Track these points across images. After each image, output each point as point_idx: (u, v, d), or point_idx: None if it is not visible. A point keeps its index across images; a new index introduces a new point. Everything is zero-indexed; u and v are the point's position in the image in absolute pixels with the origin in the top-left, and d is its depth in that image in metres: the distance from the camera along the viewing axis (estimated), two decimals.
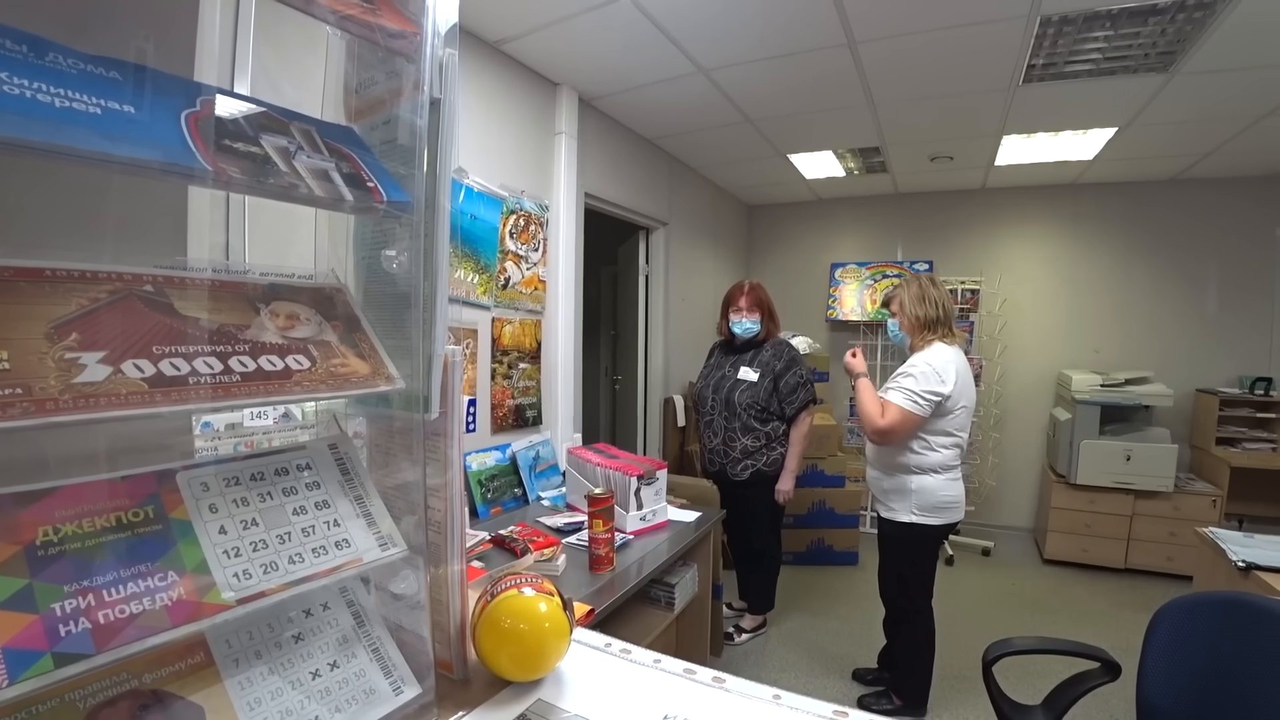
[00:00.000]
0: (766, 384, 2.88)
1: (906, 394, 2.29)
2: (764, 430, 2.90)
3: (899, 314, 2.47)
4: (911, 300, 2.42)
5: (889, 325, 2.56)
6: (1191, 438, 4.35)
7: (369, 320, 0.60)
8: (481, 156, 2.63)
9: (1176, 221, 4.50)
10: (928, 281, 2.46)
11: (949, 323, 2.41)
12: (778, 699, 0.65)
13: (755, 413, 2.89)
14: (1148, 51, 2.59)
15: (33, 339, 0.40)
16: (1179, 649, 1.47)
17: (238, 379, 0.47)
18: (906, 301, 2.43)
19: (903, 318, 2.45)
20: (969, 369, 2.39)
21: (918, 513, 2.37)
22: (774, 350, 2.93)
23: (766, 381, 2.89)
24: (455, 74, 0.57)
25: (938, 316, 2.39)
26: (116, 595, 0.42)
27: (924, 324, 2.39)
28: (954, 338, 2.40)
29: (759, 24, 2.49)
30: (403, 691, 0.58)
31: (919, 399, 2.27)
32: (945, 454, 2.35)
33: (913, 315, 2.41)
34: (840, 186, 5.08)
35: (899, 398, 2.31)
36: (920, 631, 2.50)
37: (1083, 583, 3.99)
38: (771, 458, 2.93)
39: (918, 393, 2.27)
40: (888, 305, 2.55)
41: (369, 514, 0.58)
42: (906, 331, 2.46)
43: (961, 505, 2.40)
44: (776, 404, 2.90)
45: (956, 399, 2.29)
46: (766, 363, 2.91)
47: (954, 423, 2.33)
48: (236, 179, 0.45)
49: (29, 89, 0.39)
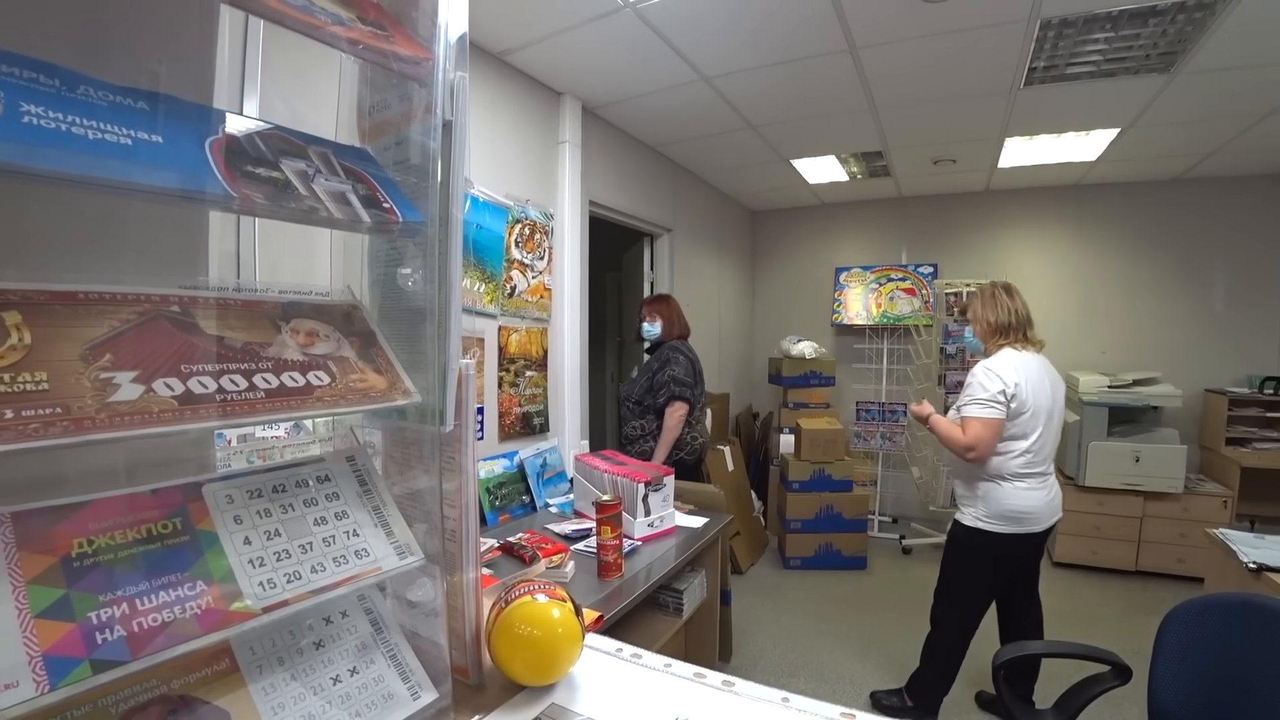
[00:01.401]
0: (644, 381, 3.16)
1: (974, 403, 2.29)
2: (640, 422, 3.17)
3: (973, 321, 2.52)
4: (984, 307, 2.45)
5: (965, 333, 2.69)
6: (1201, 438, 4.33)
7: (385, 335, 0.62)
8: (486, 166, 2.66)
9: (1182, 221, 4.49)
10: (1001, 289, 2.47)
11: (1022, 329, 2.41)
12: (786, 701, 0.66)
13: (631, 405, 3.19)
14: (1149, 52, 2.60)
15: (69, 360, 0.42)
16: (1190, 651, 1.47)
17: (262, 395, 0.49)
18: (979, 309, 2.47)
19: (976, 325, 2.50)
20: (1045, 373, 2.37)
21: (984, 519, 2.33)
22: (659, 354, 3.18)
23: (644, 379, 3.17)
24: (466, 97, 0.59)
25: (1009, 322, 2.40)
26: (148, 604, 0.44)
27: (995, 330, 2.41)
28: (1028, 344, 2.40)
29: (761, 31, 2.51)
30: (420, 696, 0.59)
31: (988, 403, 2.25)
32: (1015, 460, 2.28)
33: (984, 321, 2.44)
34: (844, 191, 5.09)
35: (971, 410, 2.29)
36: (942, 638, 2.49)
37: (1092, 585, 3.97)
38: (644, 448, 3.14)
39: (984, 399, 2.26)
40: (964, 313, 2.69)
41: (386, 524, 0.59)
42: (981, 338, 2.49)
43: (1040, 517, 2.31)
44: (651, 399, 3.12)
45: (1023, 400, 2.26)
46: (648, 365, 3.21)
47: (1023, 426, 2.28)
48: (260, 204, 0.47)
49: (64, 122, 0.41)
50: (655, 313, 3.26)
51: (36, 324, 0.43)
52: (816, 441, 4.22)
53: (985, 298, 2.47)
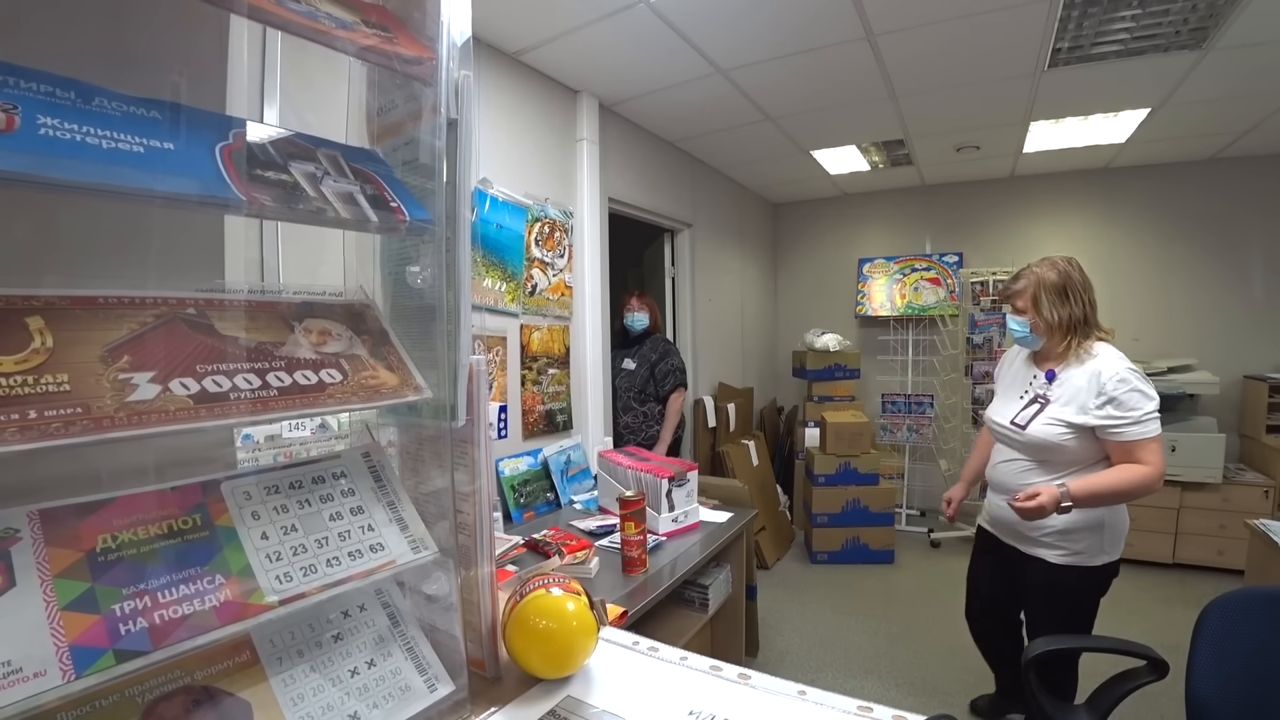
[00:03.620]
0: (644, 371, 3.35)
1: (1150, 419, 1.75)
2: (643, 410, 3.37)
3: (1030, 311, 1.87)
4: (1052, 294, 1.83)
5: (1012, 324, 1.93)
6: (1240, 426, 4.20)
7: (396, 333, 0.63)
8: (505, 166, 2.68)
9: (1217, 203, 4.35)
10: (1067, 265, 1.87)
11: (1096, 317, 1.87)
12: (803, 694, 0.66)
13: (633, 395, 3.37)
14: (1179, 28, 2.52)
15: (89, 362, 0.44)
16: (1230, 646, 1.43)
17: (275, 393, 0.50)
18: (1045, 298, 1.84)
19: (1037, 317, 1.86)
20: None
21: (1109, 549, 1.88)
22: (651, 344, 3.40)
23: (644, 370, 3.35)
24: (471, 96, 0.60)
25: (1084, 314, 1.84)
26: (170, 597, 0.45)
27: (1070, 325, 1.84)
28: (1107, 335, 1.88)
29: (776, 22, 2.49)
30: (437, 689, 0.60)
31: (1156, 413, 1.76)
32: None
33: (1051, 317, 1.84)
34: (865, 181, 5.03)
35: (1142, 430, 1.74)
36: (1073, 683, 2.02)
37: (1128, 578, 3.84)
38: (649, 434, 3.36)
39: (1152, 411, 1.76)
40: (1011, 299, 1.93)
41: (401, 519, 0.60)
42: (1042, 334, 1.88)
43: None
44: (653, 387, 3.34)
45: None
46: (644, 355, 3.39)
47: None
48: (269, 207, 0.48)
49: (79, 133, 0.42)
50: (645, 305, 3.44)
51: (58, 328, 0.44)
52: (842, 435, 4.18)
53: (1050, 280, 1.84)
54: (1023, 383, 2.00)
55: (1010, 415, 1.95)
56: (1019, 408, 1.93)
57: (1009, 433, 1.95)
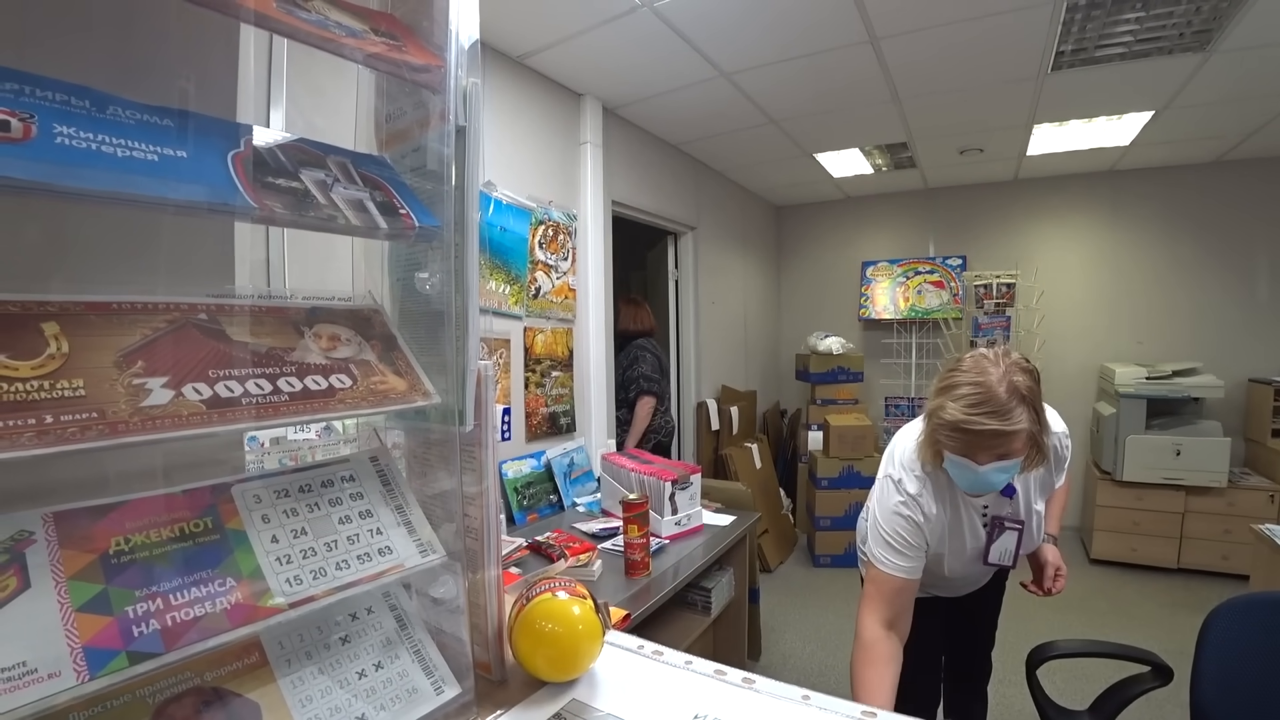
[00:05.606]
0: (617, 377, 3.48)
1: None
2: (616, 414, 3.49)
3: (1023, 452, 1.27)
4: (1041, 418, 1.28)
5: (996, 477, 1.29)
6: (1246, 430, 4.19)
7: (405, 339, 0.64)
8: (508, 169, 2.69)
9: (1221, 205, 4.34)
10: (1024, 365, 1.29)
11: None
12: (807, 699, 0.66)
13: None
14: (1183, 30, 2.52)
15: (104, 367, 0.44)
16: (1235, 652, 1.42)
17: (286, 398, 0.51)
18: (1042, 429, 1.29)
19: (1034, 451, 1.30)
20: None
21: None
22: (627, 352, 3.52)
23: (619, 375, 3.48)
24: (479, 103, 0.60)
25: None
26: (181, 599, 0.46)
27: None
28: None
29: (779, 26, 2.49)
30: (444, 691, 0.60)
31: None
32: None
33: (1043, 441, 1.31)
34: (869, 184, 5.04)
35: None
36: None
37: (1132, 583, 3.87)
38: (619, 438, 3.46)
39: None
40: (995, 448, 1.24)
41: (409, 522, 0.61)
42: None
43: None
44: (623, 393, 3.47)
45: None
46: (618, 360, 3.51)
47: None
48: (280, 214, 0.49)
49: (94, 141, 0.43)
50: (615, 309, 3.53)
51: (73, 333, 0.45)
52: (845, 438, 4.18)
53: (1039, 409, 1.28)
54: (970, 526, 1.47)
55: (984, 561, 1.51)
56: (988, 547, 1.49)
57: (986, 574, 1.62)
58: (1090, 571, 4.04)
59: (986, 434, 1.21)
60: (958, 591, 1.69)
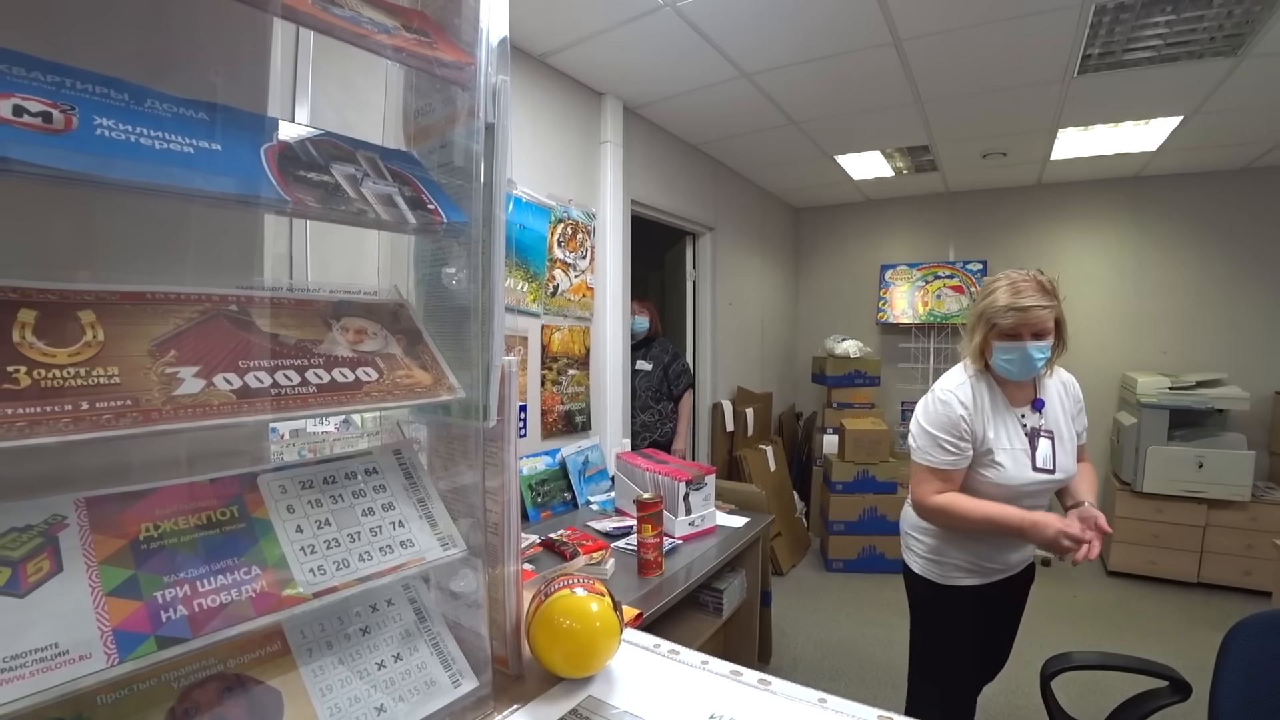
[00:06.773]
0: (659, 372, 3.55)
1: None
2: (659, 408, 3.59)
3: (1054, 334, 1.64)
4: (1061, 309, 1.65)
5: (1036, 352, 1.61)
6: (1271, 443, 4.10)
7: (430, 333, 0.64)
8: (529, 167, 2.70)
9: (1250, 213, 4.26)
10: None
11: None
12: (823, 702, 0.66)
13: (650, 395, 3.56)
14: (1214, 34, 2.48)
15: (138, 356, 0.45)
16: (1255, 669, 1.40)
17: (314, 390, 0.51)
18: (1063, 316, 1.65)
19: (1058, 340, 1.66)
20: None
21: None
22: (661, 346, 3.61)
23: (658, 371, 3.55)
24: (508, 100, 0.61)
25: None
26: (208, 586, 0.46)
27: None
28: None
29: (802, 26, 2.48)
30: (461, 684, 0.61)
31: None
32: None
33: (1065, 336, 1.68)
34: (889, 187, 5.00)
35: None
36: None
37: (1151, 597, 3.81)
38: (664, 430, 3.59)
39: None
40: (1033, 325, 1.60)
41: (431, 516, 0.61)
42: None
43: None
44: (667, 387, 3.56)
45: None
46: (657, 356, 3.58)
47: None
48: (311, 207, 0.49)
49: (133, 134, 0.44)
50: (645, 308, 3.59)
51: (109, 322, 0.45)
52: (861, 442, 4.15)
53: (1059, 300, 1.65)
54: (1014, 428, 1.70)
55: (1032, 466, 1.68)
56: (1033, 454, 1.69)
57: (1040, 486, 1.70)
58: (1108, 584, 3.99)
59: (1033, 309, 1.57)
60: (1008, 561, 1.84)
